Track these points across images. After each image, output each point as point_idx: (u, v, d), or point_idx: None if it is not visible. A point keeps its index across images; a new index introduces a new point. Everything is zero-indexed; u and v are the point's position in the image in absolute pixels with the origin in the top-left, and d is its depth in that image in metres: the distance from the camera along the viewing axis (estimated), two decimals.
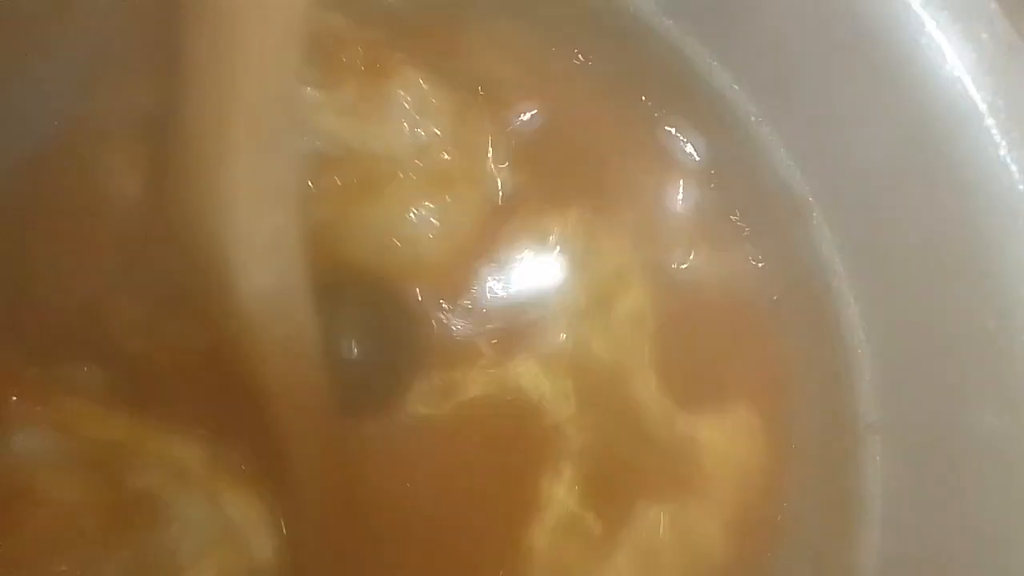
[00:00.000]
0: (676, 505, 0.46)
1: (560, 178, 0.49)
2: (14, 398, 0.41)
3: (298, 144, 0.42)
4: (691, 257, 0.51)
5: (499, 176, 0.48)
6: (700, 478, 0.47)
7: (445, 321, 0.46)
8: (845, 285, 0.44)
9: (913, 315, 0.41)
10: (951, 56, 0.36)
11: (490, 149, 0.48)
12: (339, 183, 0.45)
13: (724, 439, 0.47)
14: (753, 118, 0.45)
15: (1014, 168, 0.35)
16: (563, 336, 0.47)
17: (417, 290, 0.46)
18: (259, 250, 0.40)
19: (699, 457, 0.47)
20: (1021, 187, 0.35)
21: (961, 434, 0.39)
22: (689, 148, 0.51)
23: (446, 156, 0.46)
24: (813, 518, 0.47)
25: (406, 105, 0.46)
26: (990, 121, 0.35)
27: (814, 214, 0.44)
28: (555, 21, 0.50)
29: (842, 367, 0.44)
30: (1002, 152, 0.35)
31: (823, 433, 0.47)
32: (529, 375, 0.46)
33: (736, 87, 0.45)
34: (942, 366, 0.39)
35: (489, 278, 0.47)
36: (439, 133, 0.46)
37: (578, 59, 0.51)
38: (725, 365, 0.50)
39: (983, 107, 0.35)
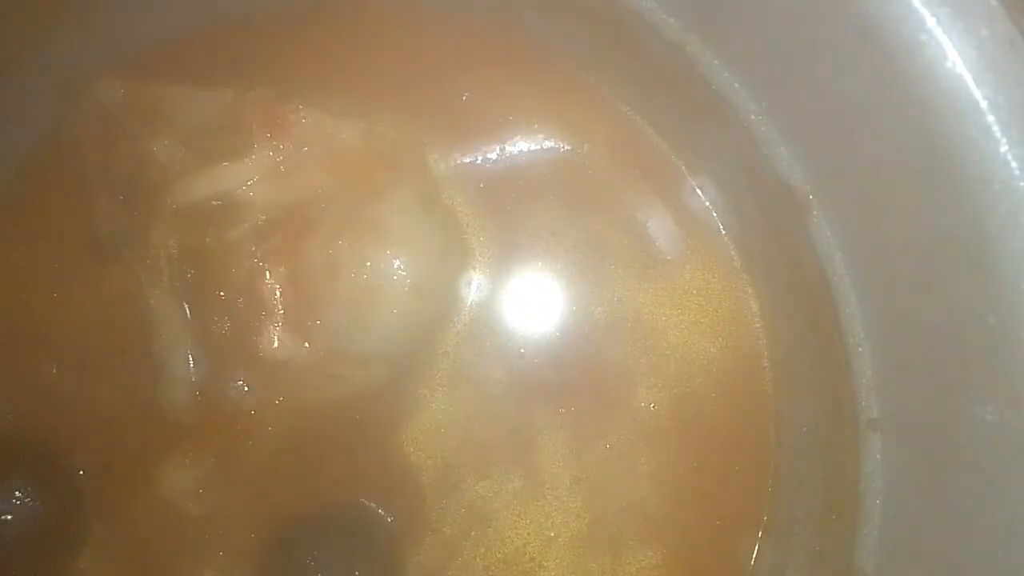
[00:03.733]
0: None
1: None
2: None
3: None
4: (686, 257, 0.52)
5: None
6: None
7: None
8: (845, 283, 0.44)
9: (913, 312, 0.41)
10: (952, 53, 0.36)
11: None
12: (286, 240, 0.47)
13: None
14: (753, 116, 0.45)
15: (1014, 164, 0.35)
16: None
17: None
18: None
19: None
20: (1022, 183, 0.35)
21: (961, 430, 0.39)
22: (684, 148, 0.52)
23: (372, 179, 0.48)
24: (813, 514, 0.47)
25: (317, 147, 0.47)
26: (991, 118, 0.35)
27: (814, 212, 0.44)
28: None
29: (843, 364, 0.44)
30: (1003, 149, 0.35)
31: (824, 430, 0.47)
32: None
33: (737, 85, 0.45)
34: (942, 363, 0.39)
35: None
36: (354, 162, 0.48)
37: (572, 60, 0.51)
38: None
39: (984, 104, 0.35)
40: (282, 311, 0.47)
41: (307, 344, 0.47)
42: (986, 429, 0.38)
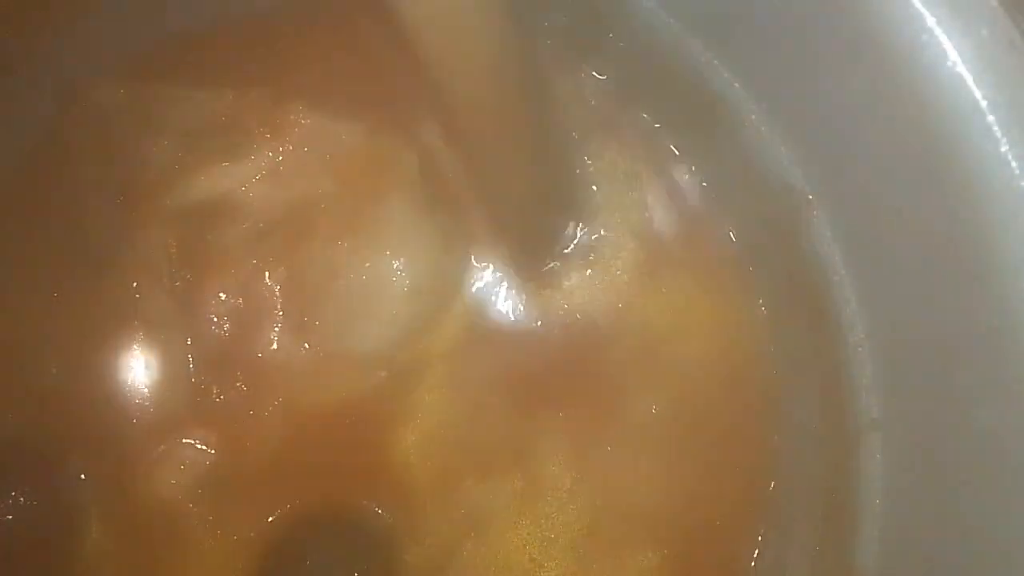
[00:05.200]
0: None
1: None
2: None
3: None
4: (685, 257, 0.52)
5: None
6: None
7: None
8: (845, 283, 0.44)
9: (913, 312, 0.41)
10: (952, 53, 0.36)
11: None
12: (285, 241, 0.47)
13: None
14: (754, 116, 0.45)
15: (1014, 164, 0.35)
16: None
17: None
18: None
19: None
20: (1022, 183, 0.35)
21: (961, 431, 0.39)
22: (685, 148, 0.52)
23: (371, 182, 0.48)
24: (814, 515, 0.47)
25: (317, 149, 0.47)
26: (991, 118, 0.35)
27: (814, 212, 0.44)
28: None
29: (843, 365, 0.44)
30: (1003, 148, 0.35)
31: (824, 430, 0.47)
32: None
33: (736, 85, 0.45)
34: (943, 363, 0.39)
35: None
36: (353, 164, 0.48)
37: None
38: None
39: (984, 104, 0.35)
40: (281, 312, 0.47)
41: (306, 345, 0.47)
42: (986, 430, 0.38)
